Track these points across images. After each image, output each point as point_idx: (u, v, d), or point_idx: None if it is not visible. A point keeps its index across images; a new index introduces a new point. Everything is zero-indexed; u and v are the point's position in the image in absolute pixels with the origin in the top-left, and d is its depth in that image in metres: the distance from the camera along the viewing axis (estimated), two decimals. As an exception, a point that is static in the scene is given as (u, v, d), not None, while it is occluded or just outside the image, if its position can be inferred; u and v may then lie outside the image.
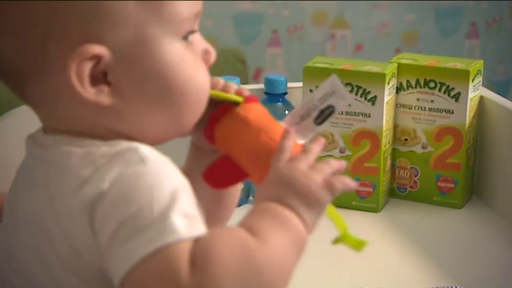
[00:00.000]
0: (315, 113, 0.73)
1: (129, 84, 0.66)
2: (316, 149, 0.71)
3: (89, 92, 0.64)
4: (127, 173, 0.62)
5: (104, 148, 0.64)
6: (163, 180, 0.63)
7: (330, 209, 0.71)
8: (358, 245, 0.73)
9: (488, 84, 2.77)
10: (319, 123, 0.74)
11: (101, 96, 0.65)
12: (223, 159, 0.74)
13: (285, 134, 0.71)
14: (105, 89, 0.65)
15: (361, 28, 2.71)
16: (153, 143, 0.68)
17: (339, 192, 0.68)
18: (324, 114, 0.74)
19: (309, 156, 0.70)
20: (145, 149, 0.64)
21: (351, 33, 2.71)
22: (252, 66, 2.51)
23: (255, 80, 2.59)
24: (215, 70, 2.06)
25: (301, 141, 0.74)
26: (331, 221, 0.73)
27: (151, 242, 0.60)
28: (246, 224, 0.64)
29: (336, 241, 0.71)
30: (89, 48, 0.63)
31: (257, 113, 0.73)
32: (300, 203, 0.66)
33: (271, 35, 2.63)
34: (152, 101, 0.67)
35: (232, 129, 0.71)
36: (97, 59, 0.64)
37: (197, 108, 0.70)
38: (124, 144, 0.65)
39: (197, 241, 0.61)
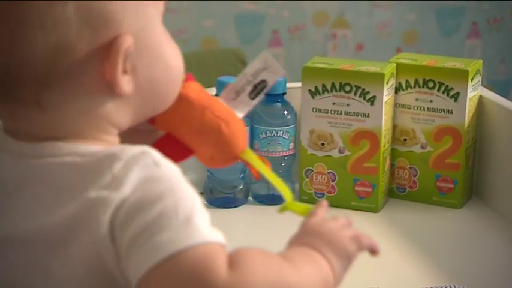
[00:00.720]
0: (249, 88, 0.76)
1: (141, 70, 0.66)
2: (343, 220, 0.75)
3: (124, 83, 0.64)
4: (146, 177, 0.62)
5: (109, 152, 0.64)
6: (182, 183, 0.64)
7: (272, 176, 0.77)
8: (303, 211, 0.77)
9: (489, 84, 2.76)
10: (253, 98, 0.76)
11: (128, 85, 0.65)
12: (165, 138, 0.75)
13: (319, 204, 0.76)
14: (127, 77, 0.65)
15: (361, 28, 2.71)
16: (129, 127, 0.69)
17: (365, 248, 0.72)
18: (258, 89, 0.77)
19: (336, 220, 0.74)
20: (155, 153, 0.65)
21: (351, 33, 2.71)
22: (252, 67, 2.51)
23: (257, 80, 2.58)
24: (216, 70, 2.07)
25: (239, 115, 0.76)
26: (278, 190, 0.78)
27: (178, 242, 0.61)
28: (281, 254, 0.68)
29: (283, 209, 0.77)
30: (125, 39, 0.63)
31: (198, 90, 0.74)
32: (330, 251, 0.70)
33: (272, 35, 2.63)
34: (158, 84, 0.68)
35: (175, 108, 0.72)
36: (128, 48, 0.64)
37: (179, 85, 0.71)
38: (135, 149, 0.64)
39: (224, 246, 0.63)
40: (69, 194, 0.63)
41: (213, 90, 1.15)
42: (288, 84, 1.17)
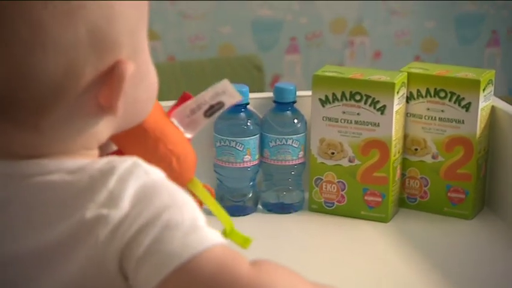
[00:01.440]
0: (205, 107, 0.79)
1: (129, 91, 0.66)
2: None
3: (120, 105, 0.65)
4: (142, 188, 0.63)
5: (100, 167, 0.64)
6: (175, 189, 0.65)
7: (215, 206, 0.77)
8: (244, 242, 0.78)
9: (509, 92, 2.74)
10: (208, 116, 0.79)
11: (121, 107, 0.65)
12: (118, 153, 0.76)
13: None
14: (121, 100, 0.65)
15: (380, 35, 2.70)
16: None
17: None
18: (214, 109, 0.79)
19: None
20: (143, 162, 0.65)
21: (369, 41, 2.70)
22: (270, 73, 2.51)
23: (273, 87, 2.59)
24: (232, 77, 2.08)
25: (188, 135, 0.78)
26: (217, 218, 0.78)
27: (191, 248, 0.61)
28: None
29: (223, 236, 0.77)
30: (128, 65, 0.64)
31: (155, 115, 0.75)
32: None
33: (289, 42, 2.63)
34: (140, 102, 0.69)
35: (131, 131, 0.73)
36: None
37: (154, 101, 0.72)
38: (125, 162, 0.64)
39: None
40: (60, 213, 0.62)
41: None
42: (298, 93, 1.16)
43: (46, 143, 0.65)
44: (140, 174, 0.63)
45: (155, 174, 0.65)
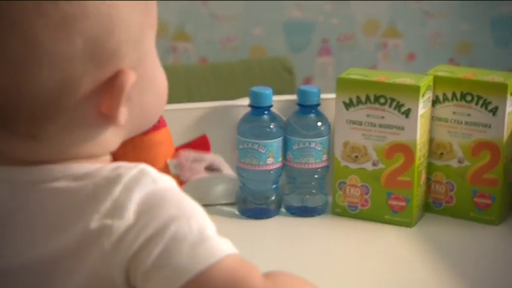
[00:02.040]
0: (206, 163, 0.87)
1: (135, 98, 0.65)
2: None
3: (122, 114, 0.63)
4: (149, 196, 0.62)
5: (106, 174, 0.63)
6: (184, 197, 0.63)
7: None
8: None
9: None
10: (206, 171, 0.88)
11: (124, 116, 0.64)
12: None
13: None
14: (123, 108, 0.64)
15: (413, 37, 2.67)
16: None
17: None
18: (211, 169, 0.89)
19: None
20: (152, 169, 0.64)
21: (403, 43, 2.68)
22: (301, 75, 2.50)
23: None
24: (262, 79, 2.06)
25: (185, 178, 0.87)
26: None
27: (200, 260, 0.60)
28: None
29: None
30: (128, 76, 0.62)
31: (166, 145, 0.84)
32: None
33: (321, 44, 2.61)
34: (149, 108, 0.68)
35: (140, 148, 0.78)
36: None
37: (165, 105, 0.71)
38: (132, 169, 0.63)
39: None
40: (65, 223, 0.62)
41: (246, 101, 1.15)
42: (322, 95, 1.15)
43: (47, 152, 0.64)
44: (147, 183, 0.62)
45: (164, 182, 0.63)
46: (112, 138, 0.66)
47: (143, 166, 0.63)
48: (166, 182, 0.64)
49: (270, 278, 0.63)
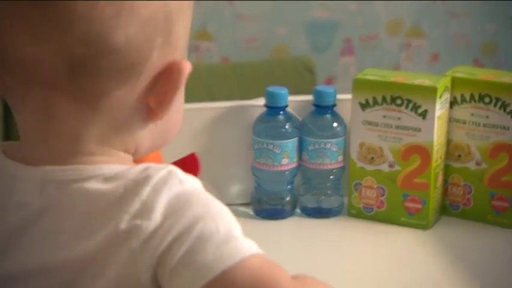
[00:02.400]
0: None
1: (174, 102, 0.67)
2: None
3: (166, 110, 0.66)
4: (176, 197, 0.62)
5: (134, 176, 0.63)
6: (210, 198, 0.64)
7: None
8: None
9: None
10: None
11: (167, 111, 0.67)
12: None
13: None
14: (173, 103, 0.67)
15: (438, 37, 2.65)
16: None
17: None
18: None
19: None
20: (178, 170, 0.65)
21: (427, 43, 2.65)
22: (323, 76, 2.48)
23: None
24: (283, 79, 2.06)
25: None
26: None
27: (227, 259, 0.61)
28: None
29: None
30: (186, 64, 0.66)
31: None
32: None
33: (344, 44, 2.60)
34: (174, 123, 0.70)
35: None
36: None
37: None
38: (160, 170, 0.64)
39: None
40: (95, 224, 0.62)
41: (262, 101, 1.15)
42: (339, 96, 1.15)
43: (94, 133, 0.65)
44: (174, 184, 0.63)
45: (190, 183, 0.64)
46: (145, 139, 0.67)
47: (171, 167, 0.64)
48: (193, 183, 0.64)
49: (299, 281, 0.64)
